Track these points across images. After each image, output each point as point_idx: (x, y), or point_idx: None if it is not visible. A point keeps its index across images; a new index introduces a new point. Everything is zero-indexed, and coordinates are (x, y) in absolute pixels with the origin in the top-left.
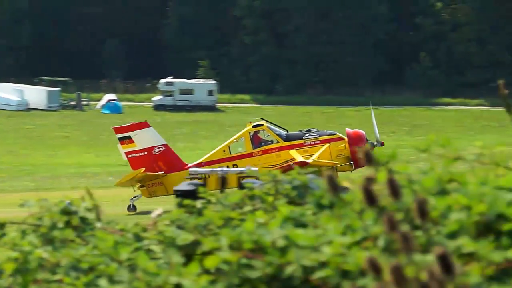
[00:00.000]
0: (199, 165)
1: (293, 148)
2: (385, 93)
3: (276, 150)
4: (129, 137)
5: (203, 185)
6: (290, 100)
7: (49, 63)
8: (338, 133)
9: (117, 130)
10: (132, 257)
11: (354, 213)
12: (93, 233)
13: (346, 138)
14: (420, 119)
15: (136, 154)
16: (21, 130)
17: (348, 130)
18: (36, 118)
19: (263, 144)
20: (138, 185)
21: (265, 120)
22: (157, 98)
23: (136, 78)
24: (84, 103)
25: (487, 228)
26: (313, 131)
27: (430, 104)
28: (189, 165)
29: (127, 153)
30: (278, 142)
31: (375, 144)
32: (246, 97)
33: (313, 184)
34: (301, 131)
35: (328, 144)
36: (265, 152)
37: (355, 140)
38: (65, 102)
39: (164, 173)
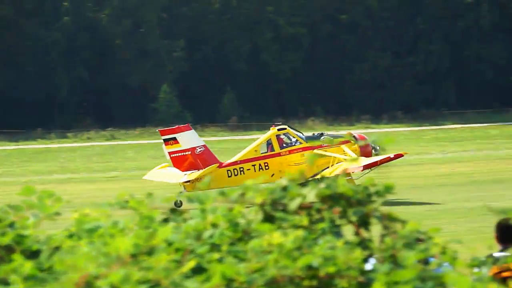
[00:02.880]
0: (234, 163)
1: (314, 149)
2: None
3: (300, 150)
4: (174, 138)
5: None
6: None
7: None
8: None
9: (163, 132)
10: None
11: None
12: None
13: (353, 141)
14: None
15: (180, 154)
16: None
17: (353, 133)
18: None
19: (284, 145)
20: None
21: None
22: None
23: None
24: None
25: None
26: (325, 134)
27: None
28: (224, 163)
29: (170, 153)
30: (301, 143)
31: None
32: None
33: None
34: (314, 134)
35: (344, 145)
36: (291, 152)
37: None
38: None
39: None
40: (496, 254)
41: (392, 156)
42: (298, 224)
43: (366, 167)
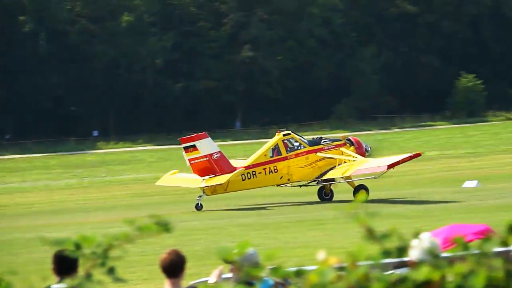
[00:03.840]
0: (247, 167)
1: (317, 152)
2: None
3: (305, 153)
4: (194, 146)
5: None
6: None
7: None
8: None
9: (183, 140)
10: None
11: None
12: None
13: (349, 143)
14: None
15: (199, 160)
16: None
17: (348, 136)
18: None
19: (289, 149)
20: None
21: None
22: None
23: None
24: None
25: None
26: (324, 137)
27: None
28: (238, 167)
29: (190, 160)
30: (304, 147)
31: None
32: None
33: None
34: (314, 138)
35: (342, 148)
36: (297, 155)
37: (357, 145)
38: None
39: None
40: (54, 286)
41: (412, 155)
42: None
43: (390, 166)
